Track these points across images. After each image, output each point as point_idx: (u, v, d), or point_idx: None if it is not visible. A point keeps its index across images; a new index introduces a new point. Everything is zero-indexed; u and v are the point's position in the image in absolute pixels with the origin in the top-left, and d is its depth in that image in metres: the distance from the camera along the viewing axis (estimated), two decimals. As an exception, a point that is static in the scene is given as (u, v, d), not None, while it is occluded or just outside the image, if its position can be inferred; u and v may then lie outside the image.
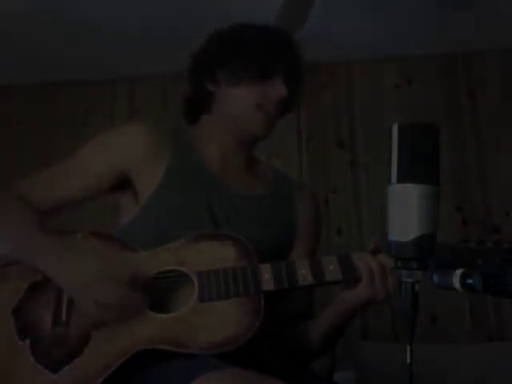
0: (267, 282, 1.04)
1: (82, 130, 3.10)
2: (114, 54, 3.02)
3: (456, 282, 0.76)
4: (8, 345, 1.04)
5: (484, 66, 3.10)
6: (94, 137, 1.23)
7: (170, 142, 1.22)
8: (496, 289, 0.73)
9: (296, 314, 1.18)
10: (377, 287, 1.04)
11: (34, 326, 1.05)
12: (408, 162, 0.74)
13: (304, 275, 1.05)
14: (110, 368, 0.98)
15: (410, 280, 0.75)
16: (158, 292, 1.07)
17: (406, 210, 0.73)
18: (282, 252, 1.23)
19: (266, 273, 1.05)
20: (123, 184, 1.20)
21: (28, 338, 1.04)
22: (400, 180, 0.74)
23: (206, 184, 1.20)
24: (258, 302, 1.02)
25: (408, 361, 0.74)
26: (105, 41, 2.89)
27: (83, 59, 3.04)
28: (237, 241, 1.08)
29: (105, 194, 1.22)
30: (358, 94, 3.16)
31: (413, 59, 3.12)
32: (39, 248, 1.07)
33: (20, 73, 3.17)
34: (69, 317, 1.06)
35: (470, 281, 0.75)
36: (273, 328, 1.08)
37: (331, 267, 1.06)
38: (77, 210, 1.22)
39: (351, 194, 3.02)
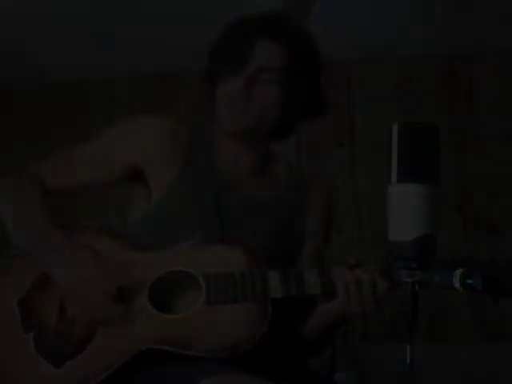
0: (275, 288, 1.03)
1: (82, 130, 3.09)
2: (113, 54, 3.02)
3: (456, 282, 0.76)
4: (12, 336, 1.04)
5: (484, 66, 3.09)
6: (94, 137, 1.23)
7: (187, 139, 1.20)
8: (496, 289, 0.73)
9: (301, 322, 1.16)
10: (352, 302, 1.02)
11: (39, 319, 1.05)
12: (408, 162, 0.74)
13: (312, 284, 1.04)
14: (113, 366, 0.98)
15: (409, 280, 0.75)
16: (166, 292, 1.06)
17: (406, 210, 0.73)
18: (290, 256, 1.21)
19: (274, 279, 1.04)
20: (136, 177, 1.20)
21: (32, 331, 1.04)
22: (400, 180, 0.74)
23: (217, 185, 1.18)
24: (265, 308, 1.02)
25: (408, 361, 0.74)
26: (105, 41, 2.89)
27: (83, 59, 3.04)
28: (246, 246, 1.08)
29: (117, 185, 1.22)
30: (357, 93, 3.16)
31: (413, 59, 3.11)
32: (47, 238, 1.08)
33: (20, 73, 3.17)
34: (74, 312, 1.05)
35: (469, 281, 0.75)
36: (277, 334, 1.08)
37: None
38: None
39: (351, 194, 3.02)
